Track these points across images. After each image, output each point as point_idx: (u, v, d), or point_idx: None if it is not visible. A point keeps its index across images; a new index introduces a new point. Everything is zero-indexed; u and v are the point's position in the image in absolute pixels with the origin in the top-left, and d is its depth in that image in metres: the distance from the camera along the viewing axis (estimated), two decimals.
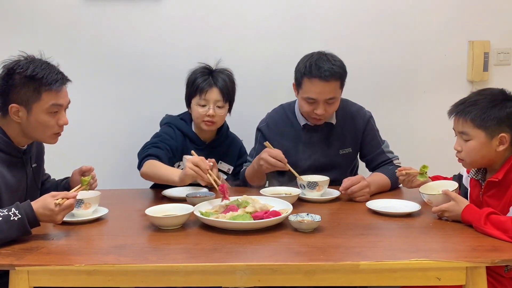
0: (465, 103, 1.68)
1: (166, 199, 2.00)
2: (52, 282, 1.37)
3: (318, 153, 2.20)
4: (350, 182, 1.92)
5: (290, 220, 1.59)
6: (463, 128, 1.67)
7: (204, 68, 2.26)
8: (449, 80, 2.77)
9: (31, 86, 1.67)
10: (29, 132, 1.73)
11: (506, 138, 1.63)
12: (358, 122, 2.24)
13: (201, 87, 2.18)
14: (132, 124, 2.44)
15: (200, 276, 1.36)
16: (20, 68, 1.67)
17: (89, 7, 2.72)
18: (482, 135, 1.64)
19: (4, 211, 1.48)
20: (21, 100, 1.67)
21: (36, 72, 1.67)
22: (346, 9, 2.73)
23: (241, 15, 2.74)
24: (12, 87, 1.66)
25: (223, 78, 2.22)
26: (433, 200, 1.71)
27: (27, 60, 1.71)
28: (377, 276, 1.35)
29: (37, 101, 1.68)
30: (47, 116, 1.70)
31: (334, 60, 2.08)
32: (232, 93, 2.26)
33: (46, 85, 1.67)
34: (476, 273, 1.34)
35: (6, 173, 1.69)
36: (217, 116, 2.19)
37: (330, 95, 2.06)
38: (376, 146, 2.24)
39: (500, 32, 2.74)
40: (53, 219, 1.53)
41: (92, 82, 2.73)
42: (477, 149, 1.65)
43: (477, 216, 1.52)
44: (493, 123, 1.62)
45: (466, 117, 1.65)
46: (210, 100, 2.18)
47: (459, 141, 1.71)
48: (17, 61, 1.70)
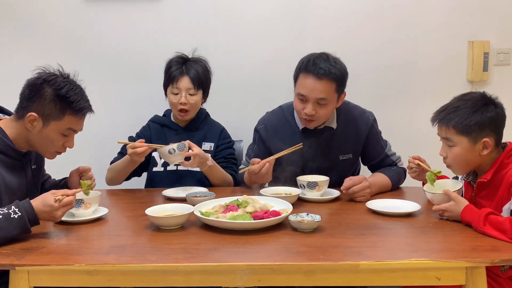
0: (447, 110, 1.69)
1: (166, 199, 2.01)
2: (52, 282, 1.37)
3: (316, 158, 2.14)
4: (352, 182, 1.91)
5: (290, 220, 1.59)
6: (446, 134, 1.68)
7: (178, 57, 2.33)
8: (449, 80, 2.78)
9: (58, 105, 1.71)
10: (33, 142, 1.75)
11: (489, 143, 1.64)
12: (360, 128, 2.17)
13: (173, 75, 2.26)
14: (132, 124, 2.45)
15: (200, 276, 1.36)
16: (57, 85, 1.71)
17: (89, 7, 2.72)
18: (465, 141, 1.65)
19: (4, 209, 1.49)
20: (42, 113, 1.70)
21: (69, 94, 1.71)
22: (346, 9, 2.74)
23: (241, 15, 2.74)
24: (40, 97, 1.70)
25: (195, 67, 2.29)
26: (435, 199, 1.71)
27: (64, 78, 1.75)
28: (377, 276, 1.35)
29: (58, 120, 1.72)
30: (58, 136, 1.75)
31: (334, 62, 2.00)
32: (206, 80, 2.32)
33: (72, 110, 1.73)
34: (475, 273, 1.34)
35: (6, 174, 1.70)
36: (189, 103, 2.26)
37: (321, 94, 1.98)
38: (380, 151, 2.19)
39: (500, 32, 2.75)
40: (52, 215, 1.54)
41: (92, 82, 2.71)
42: (462, 155, 1.67)
43: (476, 216, 1.53)
44: (475, 128, 1.63)
45: (448, 124, 1.66)
46: (182, 88, 2.25)
47: (444, 148, 1.72)
48: (55, 76, 1.74)
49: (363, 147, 2.20)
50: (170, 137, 2.31)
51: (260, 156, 2.10)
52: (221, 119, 2.49)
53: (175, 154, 2.06)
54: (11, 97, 1.80)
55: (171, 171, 2.30)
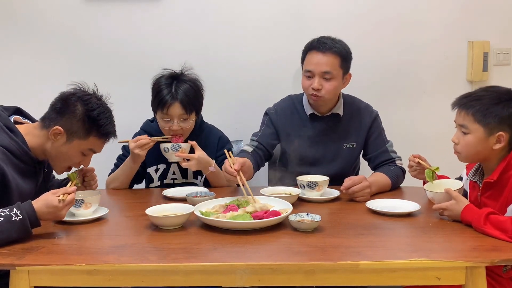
0: (470, 97, 1.69)
1: (166, 199, 2.01)
2: (52, 282, 1.37)
3: (322, 144, 2.23)
4: (352, 182, 1.92)
5: (290, 220, 1.59)
6: (464, 121, 1.68)
7: (167, 77, 2.18)
8: (449, 80, 2.78)
9: (87, 124, 1.73)
10: (50, 154, 1.76)
11: (503, 137, 1.63)
12: (364, 118, 2.26)
13: (164, 101, 2.11)
14: (133, 124, 2.45)
15: (200, 276, 1.36)
16: (90, 106, 1.74)
17: (89, 7, 2.72)
18: (480, 131, 1.64)
19: (6, 211, 1.48)
20: (69, 129, 1.72)
21: (100, 117, 1.74)
22: (346, 9, 2.74)
23: (241, 15, 2.74)
24: (70, 113, 1.72)
25: (185, 89, 2.13)
26: (435, 197, 1.71)
27: (98, 100, 1.78)
28: (377, 276, 1.35)
29: (82, 139, 1.74)
30: (78, 154, 1.78)
31: (337, 40, 2.16)
32: (198, 102, 2.19)
33: (99, 133, 1.76)
34: (475, 273, 1.34)
35: (19, 180, 1.70)
36: (182, 129, 2.16)
37: (326, 67, 2.09)
38: (381, 144, 2.25)
39: (499, 32, 2.75)
40: (57, 215, 1.54)
41: (92, 82, 2.72)
42: (474, 144, 1.66)
43: (477, 216, 1.52)
44: (494, 120, 1.62)
45: (468, 110, 1.66)
46: (174, 115, 2.13)
47: (458, 134, 1.72)
48: (90, 96, 1.77)
49: (366, 139, 2.27)
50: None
51: (267, 136, 2.22)
52: (221, 119, 2.49)
53: (169, 153, 2.11)
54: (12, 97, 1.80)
55: (167, 184, 2.29)
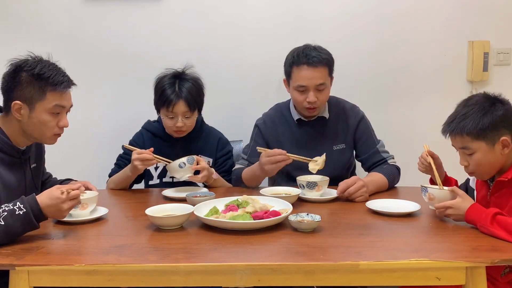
0: (456, 119, 1.66)
1: (166, 199, 2.01)
2: (52, 282, 1.37)
3: (311, 148, 2.21)
4: (346, 185, 1.92)
5: (290, 220, 1.59)
6: (463, 143, 1.65)
7: (170, 77, 2.23)
8: (449, 80, 2.78)
9: (36, 84, 1.69)
10: (28, 131, 1.73)
11: (507, 141, 1.61)
12: (350, 119, 2.27)
13: (169, 100, 2.16)
14: (133, 124, 2.45)
15: (200, 276, 1.36)
16: (28, 67, 1.69)
17: (89, 7, 2.72)
18: (483, 145, 1.62)
19: (10, 205, 1.48)
20: (25, 98, 1.69)
21: (43, 71, 1.69)
22: (346, 9, 2.74)
23: (241, 15, 2.74)
24: (18, 84, 1.69)
25: (188, 87, 2.19)
26: (437, 195, 1.68)
27: (35, 59, 1.73)
28: (377, 276, 1.35)
29: (41, 100, 1.70)
30: (49, 116, 1.72)
31: (320, 49, 2.16)
32: (200, 100, 2.26)
33: (52, 85, 1.70)
34: (476, 273, 1.34)
35: (4, 172, 1.69)
36: (186, 126, 2.22)
37: (319, 80, 2.11)
38: (371, 145, 2.25)
39: (500, 32, 2.75)
40: (59, 208, 1.52)
41: (92, 82, 2.73)
42: (484, 159, 1.63)
43: (483, 215, 1.50)
44: (490, 130, 1.60)
45: (461, 133, 1.64)
46: (178, 112, 2.18)
47: (464, 157, 1.69)
48: (25, 60, 1.72)
49: (355, 140, 2.27)
50: (163, 148, 2.25)
51: (256, 153, 2.14)
52: (221, 120, 2.49)
53: (185, 168, 2.06)
54: None
55: (166, 183, 2.30)
